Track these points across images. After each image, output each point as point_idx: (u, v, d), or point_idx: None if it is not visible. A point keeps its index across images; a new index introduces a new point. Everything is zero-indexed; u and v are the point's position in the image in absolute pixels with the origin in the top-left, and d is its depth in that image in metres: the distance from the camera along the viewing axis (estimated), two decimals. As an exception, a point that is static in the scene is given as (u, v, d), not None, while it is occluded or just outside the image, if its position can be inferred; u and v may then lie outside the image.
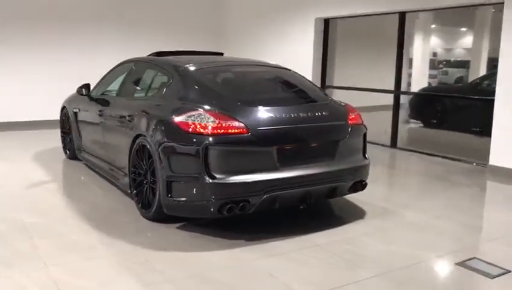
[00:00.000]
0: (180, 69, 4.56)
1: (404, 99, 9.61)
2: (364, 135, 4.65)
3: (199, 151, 3.80)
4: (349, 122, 4.46)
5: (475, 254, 3.82)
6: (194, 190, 3.90)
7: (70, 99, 6.75)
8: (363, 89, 9.13)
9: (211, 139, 3.81)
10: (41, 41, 9.80)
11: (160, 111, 4.33)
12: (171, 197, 4.02)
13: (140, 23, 10.83)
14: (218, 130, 3.84)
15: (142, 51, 10.05)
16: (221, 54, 5.91)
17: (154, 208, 4.21)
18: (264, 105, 4.19)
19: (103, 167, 5.53)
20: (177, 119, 4.00)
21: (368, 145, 4.70)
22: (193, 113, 3.97)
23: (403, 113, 10.84)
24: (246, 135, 3.88)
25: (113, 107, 5.21)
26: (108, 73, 6.12)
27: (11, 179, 5.86)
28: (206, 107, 4.06)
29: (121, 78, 5.65)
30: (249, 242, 3.99)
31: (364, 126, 4.67)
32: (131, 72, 5.49)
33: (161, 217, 4.23)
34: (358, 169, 4.48)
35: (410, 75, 13.17)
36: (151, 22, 10.93)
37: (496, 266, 3.60)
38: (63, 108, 6.94)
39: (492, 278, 3.41)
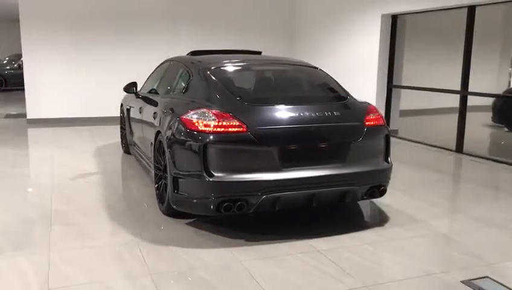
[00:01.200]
0: (197, 68, 4.61)
1: (482, 101, 8.93)
2: (387, 137, 4.37)
3: (199, 149, 3.83)
4: (366, 123, 4.21)
5: (491, 273, 3.43)
6: (195, 187, 3.93)
7: (126, 97, 7.11)
8: (431, 89, 8.57)
9: (210, 137, 3.82)
10: (118, 40, 10.44)
11: (174, 109, 4.42)
12: (177, 193, 4.09)
13: (215, 23, 11.14)
14: (218, 129, 3.84)
15: (209, 46, 10.42)
16: (259, 52, 5.87)
17: (166, 203, 4.32)
18: (271, 104, 4.11)
19: (141, 161, 5.78)
20: (183, 116, 4.05)
21: (431, 149, 4.38)
22: (197, 111, 4.00)
23: (482, 116, 10.08)
24: (245, 133, 3.84)
25: (148, 105, 5.40)
26: (154, 71, 6.36)
27: (63, 168, 6.34)
28: (211, 105, 4.07)
29: (159, 77, 5.85)
30: (249, 243, 3.95)
31: (387, 128, 4.39)
32: (167, 70, 5.66)
33: (172, 212, 4.32)
34: (374, 173, 4.22)
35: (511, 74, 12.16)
36: (227, 22, 11.20)
37: (508, 288, 3.21)
38: (121, 105, 7.33)
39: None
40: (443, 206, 5.03)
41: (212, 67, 4.54)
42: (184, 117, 4.04)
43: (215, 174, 3.81)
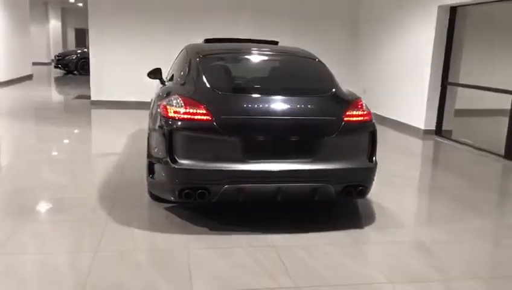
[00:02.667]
0: (191, 56, 4.64)
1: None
2: (372, 135, 4.12)
3: (166, 135, 3.88)
4: (344, 118, 3.99)
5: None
6: (163, 172, 3.99)
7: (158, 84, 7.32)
8: (486, 88, 7.87)
9: (177, 123, 3.85)
10: (178, 29, 10.77)
11: (160, 95, 4.49)
12: (151, 177, 4.19)
13: (277, 12, 11.12)
14: (184, 116, 3.86)
15: (272, 37, 10.45)
16: (276, 42, 5.77)
17: (147, 187, 4.44)
18: (244, 94, 4.04)
19: None
20: (161, 103, 4.12)
21: (476, 153, 4.12)
22: (171, 97, 4.04)
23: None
24: (209, 122, 3.82)
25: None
26: (175, 59, 6.49)
27: (91, 146, 6.76)
28: (186, 92, 4.09)
29: (174, 64, 5.96)
30: (211, 231, 3.96)
31: (372, 125, 4.13)
32: (179, 57, 5.74)
33: (156, 196, 4.40)
34: (350, 172, 4.01)
35: None
36: (289, 11, 11.15)
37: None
38: (157, 91, 7.58)
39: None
40: (442, 215, 4.63)
41: (202, 56, 4.54)
42: (161, 103, 4.11)
43: (179, 161, 3.84)
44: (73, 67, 19.08)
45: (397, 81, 9.65)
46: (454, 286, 3.22)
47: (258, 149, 3.91)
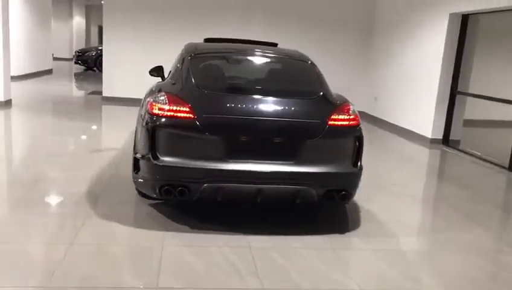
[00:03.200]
0: (186, 54, 4.64)
1: None
2: (358, 140, 4.06)
3: (149, 131, 3.90)
4: (329, 122, 3.95)
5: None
6: (145, 168, 4.00)
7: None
8: (495, 99, 7.69)
9: (160, 120, 3.87)
10: (190, 29, 10.84)
11: (153, 91, 4.51)
12: (136, 173, 4.21)
13: (289, 17, 11.10)
14: (168, 113, 3.86)
15: (286, 45, 10.48)
16: (276, 44, 5.75)
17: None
18: (229, 94, 4.04)
19: None
20: (149, 99, 4.14)
21: (482, 165, 4.06)
22: (157, 94, 4.06)
23: None
24: (192, 120, 3.82)
25: None
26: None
27: (91, 141, 6.82)
28: (173, 90, 4.10)
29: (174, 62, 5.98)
30: (191, 229, 3.97)
31: (358, 130, 4.08)
32: (178, 56, 5.76)
33: (141, 192, 4.42)
34: (333, 176, 3.96)
35: None
36: (301, 14, 11.14)
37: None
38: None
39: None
40: (432, 225, 4.57)
41: (194, 54, 4.55)
42: (148, 100, 4.13)
43: (161, 157, 3.85)
44: (92, 63, 19.34)
45: (407, 88, 9.54)
46: None
47: (239, 149, 3.90)
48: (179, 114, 3.85)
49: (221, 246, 3.67)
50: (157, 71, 5.86)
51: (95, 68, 19.30)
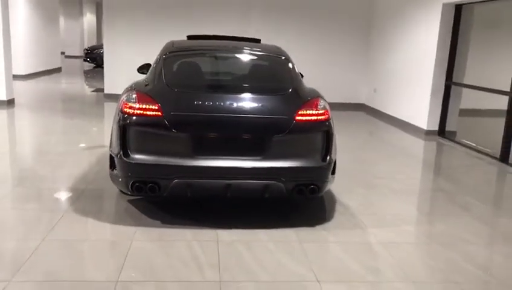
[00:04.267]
0: (161, 53, 4.72)
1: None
2: (326, 134, 4.11)
3: (120, 129, 4.01)
4: (296, 117, 4.01)
5: (369, 290, 3.14)
6: (118, 166, 4.11)
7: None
8: (486, 89, 7.63)
9: (130, 118, 3.97)
10: (189, 28, 10.90)
11: (127, 88, 4.60)
12: (112, 170, 4.32)
13: (289, 13, 11.14)
14: (137, 111, 3.97)
15: (287, 39, 10.62)
16: (258, 40, 5.79)
17: (113, 180, 4.58)
18: (197, 91, 4.12)
19: None
20: (121, 98, 4.25)
21: (474, 156, 4.08)
22: (128, 93, 4.17)
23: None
24: (159, 118, 3.91)
25: None
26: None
27: (84, 141, 7.06)
28: (144, 89, 4.20)
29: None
30: (162, 225, 4.07)
31: (327, 124, 4.12)
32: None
33: None
34: (301, 170, 4.02)
35: None
36: (298, 10, 11.13)
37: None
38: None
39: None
40: (407, 217, 4.57)
41: (168, 53, 4.62)
42: (121, 98, 4.24)
43: (131, 155, 3.96)
44: (100, 61, 19.48)
45: (403, 80, 9.51)
46: (381, 287, 3.21)
47: (207, 145, 3.98)
48: (147, 112, 3.95)
49: (189, 240, 3.77)
50: (145, 68, 5.97)
51: (103, 66, 19.50)
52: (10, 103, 9.73)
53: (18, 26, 14.34)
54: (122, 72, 10.92)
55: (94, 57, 19.77)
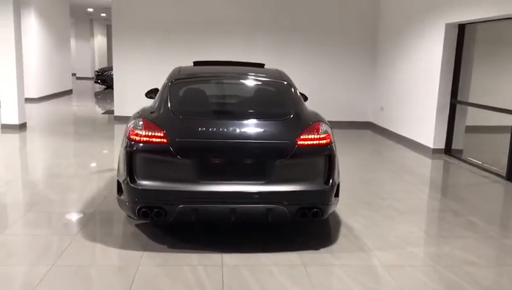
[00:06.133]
0: (168, 80, 4.85)
1: None
2: (329, 158, 4.19)
3: (127, 156, 4.12)
4: (298, 142, 4.10)
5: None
6: (125, 191, 4.22)
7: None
8: (492, 108, 7.66)
9: (136, 145, 4.09)
10: (195, 49, 11.13)
11: (135, 115, 4.73)
12: (119, 195, 4.42)
13: (295, 32, 11.31)
14: (143, 138, 4.09)
15: (293, 60, 10.75)
16: (262, 65, 5.91)
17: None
18: (200, 117, 4.24)
19: None
20: (128, 125, 4.37)
21: (480, 175, 4.11)
22: (135, 120, 4.29)
23: None
24: (165, 145, 4.02)
25: None
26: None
27: (93, 164, 7.19)
28: (150, 116, 4.32)
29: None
30: (168, 249, 4.14)
31: (329, 148, 4.20)
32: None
33: None
34: (304, 194, 4.09)
35: None
36: (304, 29, 11.31)
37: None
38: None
39: None
40: (412, 239, 4.59)
41: (174, 80, 4.76)
42: (129, 125, 4.36)
43: (138, 181, 4.07)
44: (111, 82, 19.81)
45: (409, 98, 9.58)
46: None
47: (211, 171, 4.08)
48: (153, 139, 4.06)
49: (195, 265, 3.84)
50: (153, 93, 6.12)
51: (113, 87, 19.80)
52: (22, 126, 9.94)
53: (30, 49, 14.69)
54: (131, 94, 11.15)
55: (104, 79, 20.07)
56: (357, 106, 11.70)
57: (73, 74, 22.91)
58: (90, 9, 21.80)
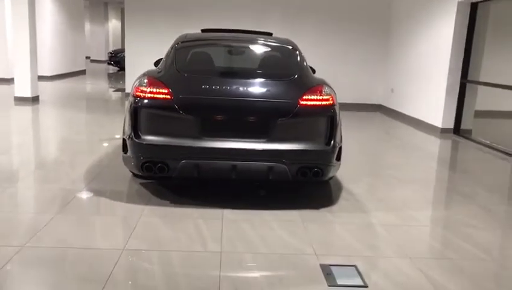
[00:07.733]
0: (174, 43, 4.91)
1: None
2: (331, 119, 4.22)
3: (132, 112, 4.19)
4: (300, 102, 4.13)
5: (364, 264, 3.23)
6: (130, 147, 4.30)
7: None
8: (506, 86, 7.60)
9: (141, 101, 4.16)
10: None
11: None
12: (125, 153, 4.51)
13: (308, 12, 11.27)
14: (148, 94, 4.15)
15: (304, 40, 10.74)
16: (271, 34, 5.94)
17: (129, 164, 4.77)
18: (204, 75, 4.29)
19: None
20: (135, 83, 4.45)
21: (485, 151, 4.13)
22: (141, 78, 4.36)
23: None
24: (169, 100, 4.09)
25: None
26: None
27: (103, 133, 7.31)
28: (154, 74, 4.39)
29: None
30: (171, 204, 4.24)
31: (331, 110, 4.23)
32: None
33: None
34: (305, 153, 4.13)
35: None
36: (316, 9, 11.28)
37: (363, 281, 3.02)
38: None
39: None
40: (412, 203, 4.61)
41: (180, 42, 4.81)
42: (134, 84, 4.43)
43: (142, 136, 4.14)
44: (124, 64, 19.94)
45: (419, 79, 9.53)
46: (378, 262, 3.30)
47: (213, 127, 4.13)
48: (157, 95, 4.12)
49: (196, 218, 3.92)
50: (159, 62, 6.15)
51: (126, 68, 19.91)
52: (35, 99, 10.08)
53: (44, 27, 14.84)
54: (142, 71, 11.21)
55: (118, 60, 20.15)
56: (367, 88, 11.66)
57: (88, 57, 23.10)
58: (105, -8, 21.90)
